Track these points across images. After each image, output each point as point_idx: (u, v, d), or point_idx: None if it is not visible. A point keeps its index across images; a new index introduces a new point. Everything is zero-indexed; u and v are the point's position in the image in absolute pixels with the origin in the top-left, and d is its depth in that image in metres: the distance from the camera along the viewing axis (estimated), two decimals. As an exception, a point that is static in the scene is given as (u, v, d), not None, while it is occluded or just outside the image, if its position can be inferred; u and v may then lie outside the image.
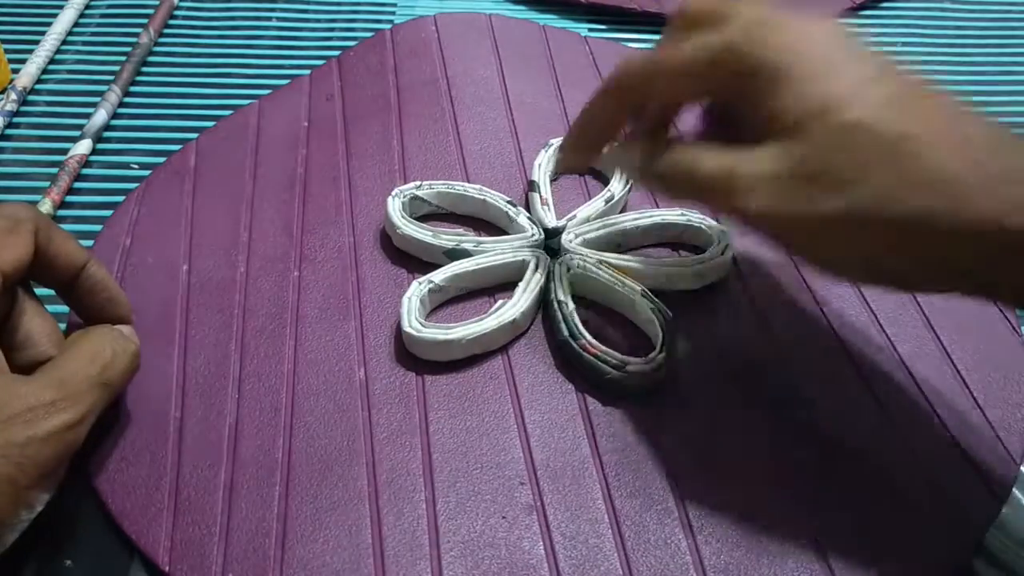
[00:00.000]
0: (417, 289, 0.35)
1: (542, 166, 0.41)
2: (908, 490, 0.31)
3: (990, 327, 0.37)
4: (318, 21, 0.56)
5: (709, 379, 0.35)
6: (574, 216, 0.39)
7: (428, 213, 0.41)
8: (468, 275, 0.37)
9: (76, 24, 0.54)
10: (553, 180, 0.42)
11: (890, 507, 0.31)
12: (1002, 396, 0.35)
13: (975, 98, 0.51)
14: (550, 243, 0.38)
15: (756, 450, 0.33)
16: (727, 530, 0.30)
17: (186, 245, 0.40)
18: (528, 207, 0.41)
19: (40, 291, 0.32)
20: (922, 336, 0.37)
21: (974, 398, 0.34)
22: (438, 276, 0.36)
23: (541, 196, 0.40)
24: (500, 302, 0.36)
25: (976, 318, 0.37)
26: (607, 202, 0.40)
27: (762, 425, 0.33)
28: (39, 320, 0.31)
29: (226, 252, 0.39)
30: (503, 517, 0.30)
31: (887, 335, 0.37)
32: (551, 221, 0.39)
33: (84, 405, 0.28)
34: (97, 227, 0.41)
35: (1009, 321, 0.37)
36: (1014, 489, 0.32)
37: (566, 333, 0.34)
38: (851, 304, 0.38)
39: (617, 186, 0.41)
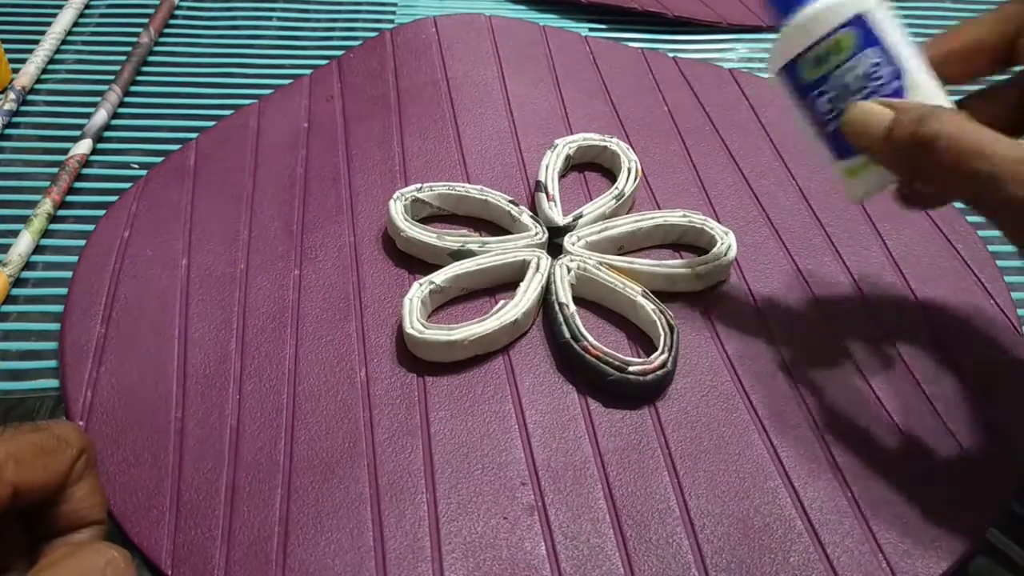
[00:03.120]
0: (418, 290, 0.35)
1: (549, 167, 0.41)
2: (909, 489, 0.32)
3: (991, 327, 0.37)
4: (318, 22, 0.56)
5: (710, 380, 0.35)
6: (581, 214, 0.39)
7: (430, 215, 0.41)
8: (469, 276, 0.37)
9: (76, 24, 0.54)
10: (562, 177, 0.42)
11: (891, 505, 0.31)
12: (1003, 395, 0.35)
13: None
14: (557, 241, 0.38)
15: (757, 450, 0.33)
16: (728, 529, 0.30)
17: (185, 240, 0.40)
18: (533, 207, 0.41)
19: (44, 277, 0.32)
20: (923, 336, 0.37)
21: (975, 397, 0.34)
22: (439, 277, 0.36)
23: (548, 194, 0.40)
24: (501, 303, 0.35)
25: (977, 317, 0.37)
26: (617, 199, 0.40)
27: (763, 425, 0.33)
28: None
29: (226, 248, 0.39)
30: (504, 518, 0.30)
31: (888, 335, 0.37)
32: (559, 218, 0.39)
33: None
34: (97, 227, 0.41)
35: (1009, 320, 0.37)
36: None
37: (568, 335, 0.34)
38: (852, 304, 0.38)
39: (626, 182, 0.41)
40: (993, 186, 0.25)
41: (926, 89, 0.29)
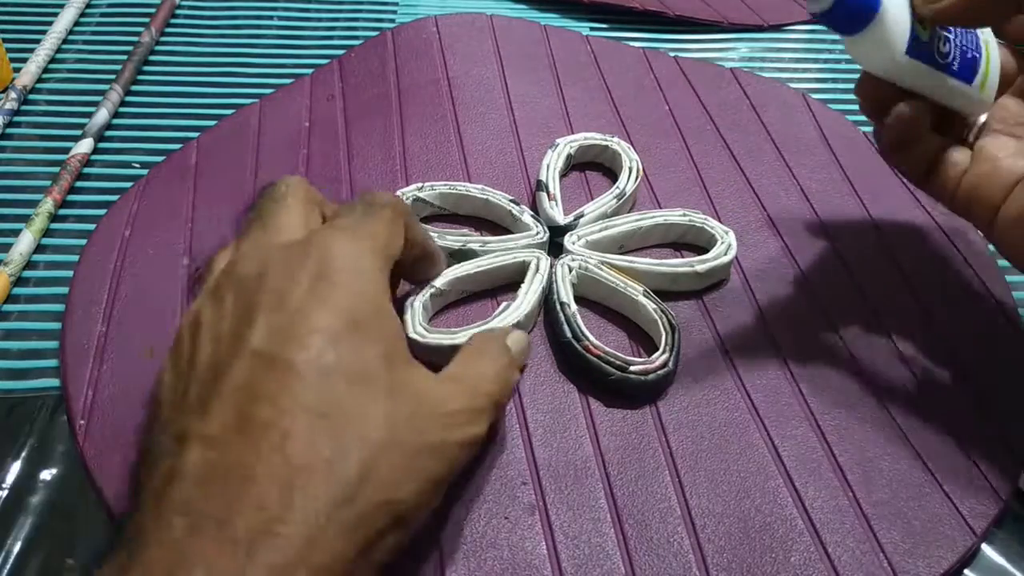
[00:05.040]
0: (419, 294, 0.35)
1: (550, 166, 0.41)
2: (910, 488, 0.32)
3: (992, 326, 0.37)
4: (319, 21, 0.56)
5: (712, 379, 0.35)
6: (582, 213, 0.39)
7: (431, 214, 0.41)
8: (469, 278, 0.37)
9: (77, 23, 0.54)
10: (563, 176, 0.42)
11: (892, 505, 0.31)
12: (1004, 395, 0.35)
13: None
14: (558, 240, 0.38)
15: (758, 449, 0.33)
16: (729, 528, 0.30)
17: (186, 239, 0.40)
18: (534, 207, 0.41)
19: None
20: (924, 335, 0.37)
21: (976, 397, 0.34)
22: (439, 280, 0.36)
23: (549, 193, 0.40)
24: (504, 304, 0.35)
25: (978, 317, 0.37)
26: (618, 199, 0.40)
27: (764, 425, 0.33)
28: None
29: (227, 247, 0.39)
30: (505, 517, 0.30)
31: (889, 335, 0.37)
32: (560, 218, 0.39)
33: (485, 422, 0.27)
34: (99, 227, 0.41)
35: (1011, 320, 0.37)
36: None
37: (569, 335, 0.34)
38: (853, 304, 0.38)
39: (627, 182, 0.41)
40: None
41: None
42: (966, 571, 0.30)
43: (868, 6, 0.30)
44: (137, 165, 0.45)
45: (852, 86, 0.33)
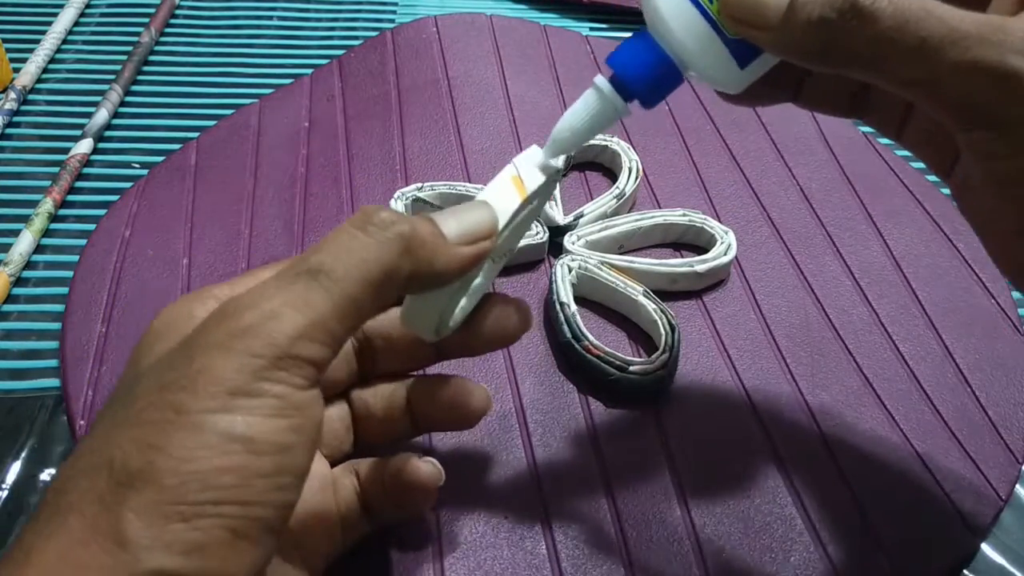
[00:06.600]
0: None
1: (550, 166, 0.41)
2: (910, 488, 0.32)
3: (992, 327, 0.37)
4: (319, 21, 0.56)
5: (711, 379, 0.35)
6: (582, 213, 0.39)
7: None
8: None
9: (77, 23, 0.54)
10: (563, 176, 0.42)
11: (892, 504, 0.31)
12: (1004, 395, 0.35)
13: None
14: (557, 240, 0.38)
15: (758, 449, 0.33)
16: (729, 528, 0.30)
17: (186, 239, 0.40)
18: (531, 207, 0.41)
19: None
20: (924, 335, 0.37)
21: (976, 397, 0.34)
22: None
23: (550, 194, 0.40)
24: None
25: (978, 318, 0.37)
26: (618, 199, 0.40)
27: (764, 425, 0.33)
28: None
29: (227, 248, 0.39)
30: (505, 517, 0.30)
31: (889, 335, 0.37)
32: (560, 218, 0.39)
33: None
34: (98, 227, 0.41)
35: (1011, 320, 0.37)
36: (1017, 487, 0.32)
37: (569, 335, 0.34)
38: (854, 304, 0.38)
39: (626, 182, 0.41)
40: (942, 52, 0.21)
41: None
42: (966, 571, 0.30)
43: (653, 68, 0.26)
44: (137, 165, 0.45)
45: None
